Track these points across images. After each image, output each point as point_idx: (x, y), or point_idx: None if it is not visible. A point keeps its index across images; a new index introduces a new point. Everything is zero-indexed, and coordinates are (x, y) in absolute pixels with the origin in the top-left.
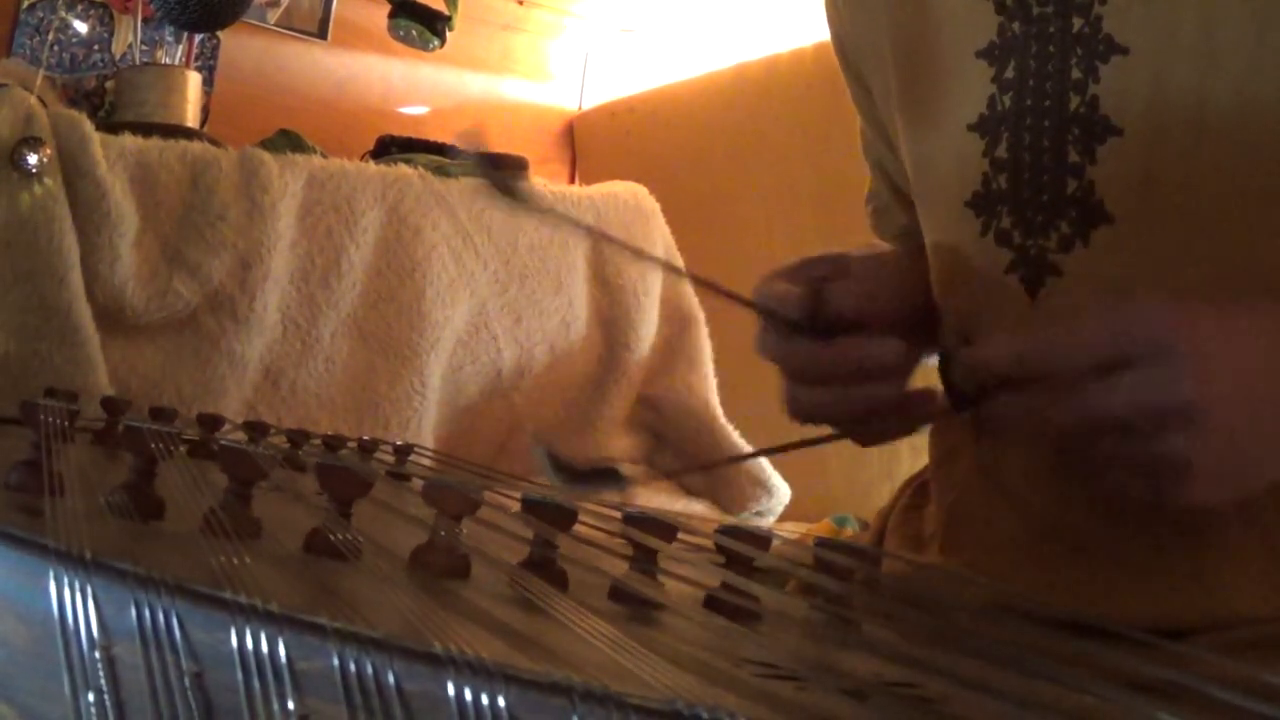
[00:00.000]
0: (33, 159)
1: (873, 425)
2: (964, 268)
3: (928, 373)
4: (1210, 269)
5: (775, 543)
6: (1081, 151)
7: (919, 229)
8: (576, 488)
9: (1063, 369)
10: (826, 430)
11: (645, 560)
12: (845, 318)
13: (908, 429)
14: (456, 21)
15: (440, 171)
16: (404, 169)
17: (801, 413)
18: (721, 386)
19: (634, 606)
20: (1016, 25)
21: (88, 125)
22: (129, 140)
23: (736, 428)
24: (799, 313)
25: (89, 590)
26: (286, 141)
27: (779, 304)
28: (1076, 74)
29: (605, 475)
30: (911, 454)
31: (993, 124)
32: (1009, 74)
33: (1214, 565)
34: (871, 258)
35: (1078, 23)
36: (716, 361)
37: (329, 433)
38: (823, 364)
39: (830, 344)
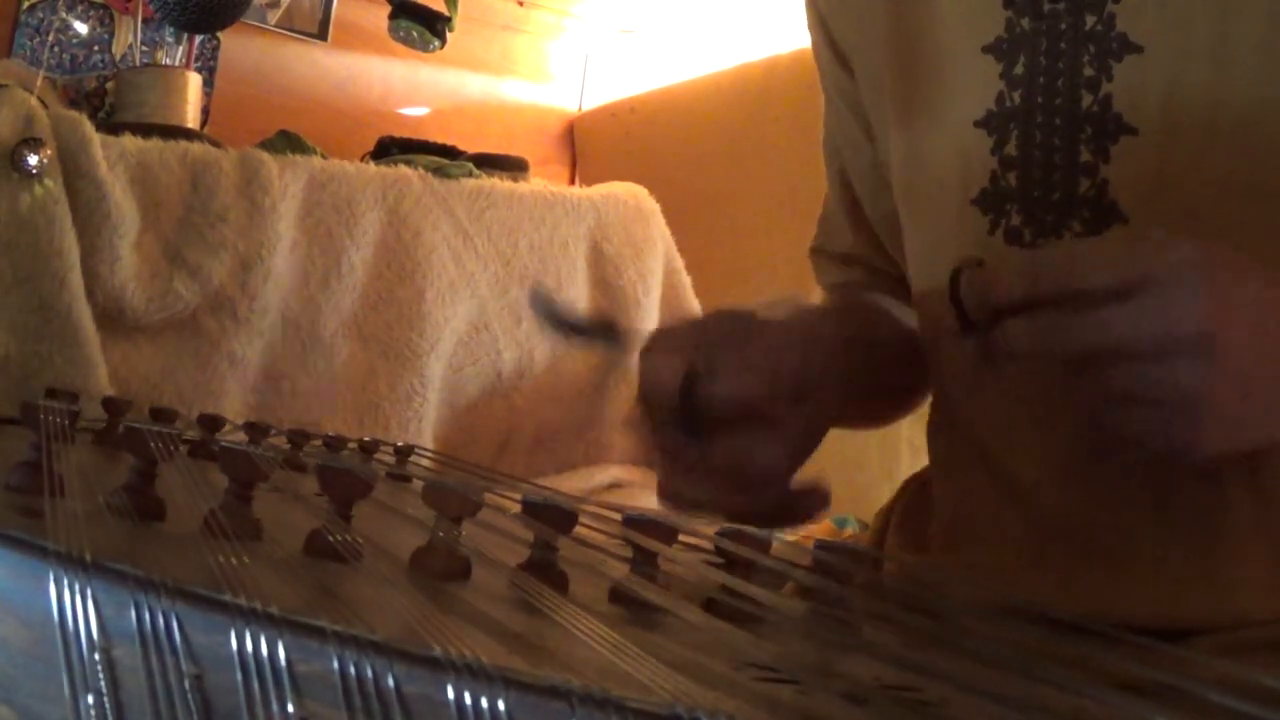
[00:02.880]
0: (33, 160)
1: (751, 519)
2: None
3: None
4: None
5: (775, 544)
6: (1095, 150)
7: (866, 256)
8: (574, 339)
9: (1078, 290)
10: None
11: (645, 562)
12: (722, 413)
13: (790, 524)
14: (456, 22)
15: (440, 172)
16: (404, 170)
17: (672, 499)
18: None
19: (634, 609)
20: (1026, 21)
21: (88, 126)
22: (129, 141)
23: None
24: (672, 405)
25: (89, 592)
26: (286, 142)
27: (654, 389)
28: (1089, 72)
29: (604, 330)
30: (911, 454)
31: (1001, 121)
32: (1018, 70)
33: (1222, 566)
34: (777, 325)
35: (1090, 20)
36: None
37: (329, 434)
38: (696, 459)
39: (701, 443)
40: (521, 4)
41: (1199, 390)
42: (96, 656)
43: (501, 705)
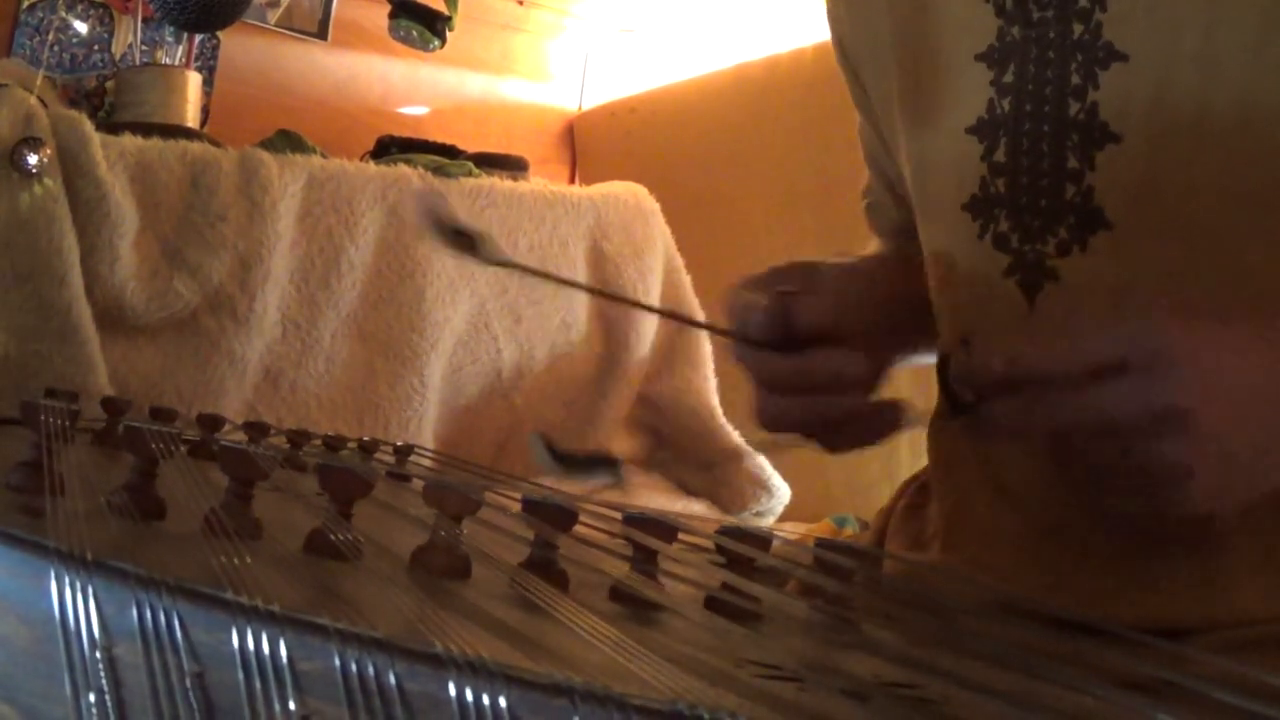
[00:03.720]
0: (33, 159)
1: (839, 434)
2: (961, 271)
3: (926, 372)
4: (1209, 276)
5: (775, 543)
6: (1080, 157)
7: (913, 226)
8: (572, 476)
9: (1059, 373)
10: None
11: (646, 561)
12: (811, 331)
13: (875, 438)
14: (456, 22)
15: (440, 172)
16: (404, 169)
17: (770, 421)
18: (721, 386)
19: (634, 607)
20: (1016, 29)
21: (88, 125)
22: (129, 140)
23: (736, 428)
24: (765, 326)
25: (90, 591)
26: (286, 142)
27: (746, 316)
28: (1076, 80)
29: (601, 464)
30: (911, 454)
31: (991, 128)
32: (1008, 78)
33: (1216, 565)
34: (842, 269)
35: (1078, 29)
36: (716, 361)
37: (329, 433)
38: (789, 376)
39: (796, 357)
40: (521, 3)
41: (1182, 463)
42: (98, 655)
43: (503, 702)
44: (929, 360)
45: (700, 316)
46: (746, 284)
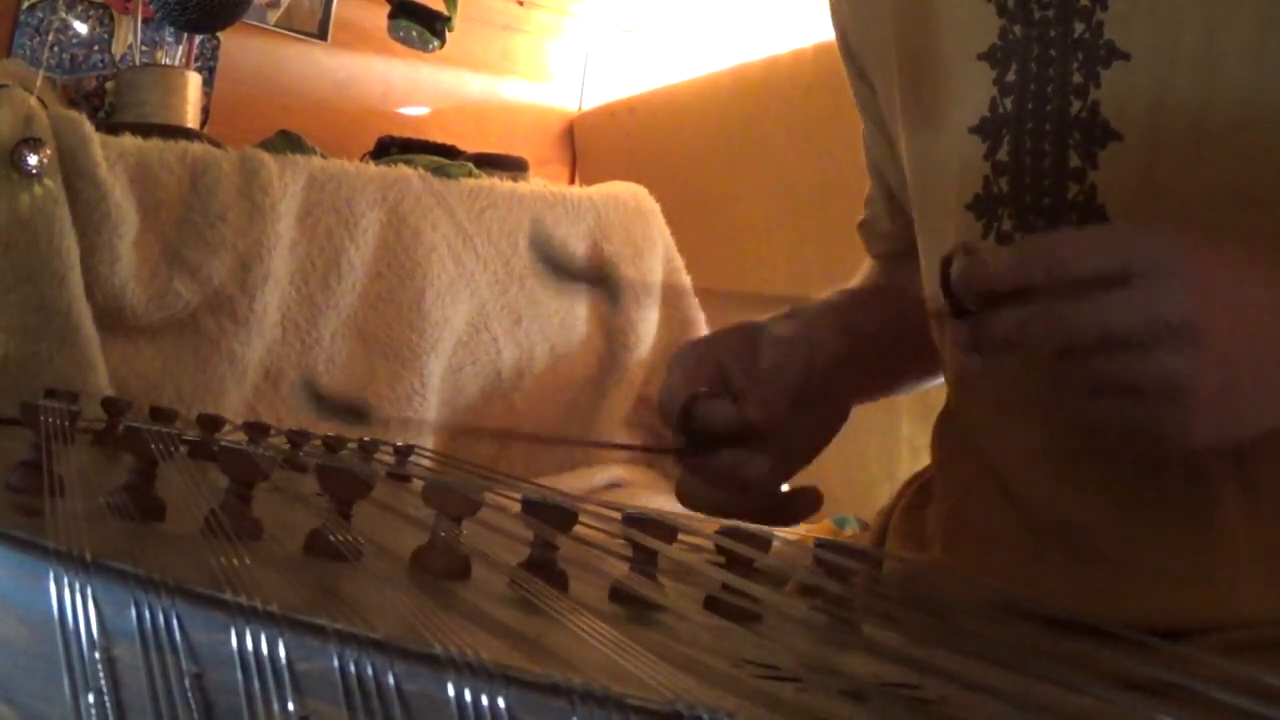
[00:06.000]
0: (33, 160)
1: (753, 520)
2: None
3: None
4: None
5: (775, 543)
6: (1083, 156)
7: (905, 238)
8: (569, 284)
9: (1063, 279)
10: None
11: (645, 561)
12: (715, 432)
13: (789, 522)
14: (456, 22)
15: (440, 172)
16: (404, 170)
17: (690, 502)
18: None
19: (634, 607)
20: (1018, 29)
21: (88, 126)
22: (129, 141)
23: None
24: (674, 428)
25: (89, 591)
26: (286, 142)
27: (665, 408)
28: (1078, 79)
29: (598, 277)
30: (911, 454)
31: (993, 127)
32: (1010, 77)
33: (1218, 566)
34: (799, 325)
35: (1079, 27)
36: None
37: (329, 434)
38: (700, 468)
39: (705, 455)
40: (521, 4)
41: (1183, 378)
42: (97, 655)
43: (502, 703)
44: (926, 386)
45: (700, 316)
46: (676, 360)
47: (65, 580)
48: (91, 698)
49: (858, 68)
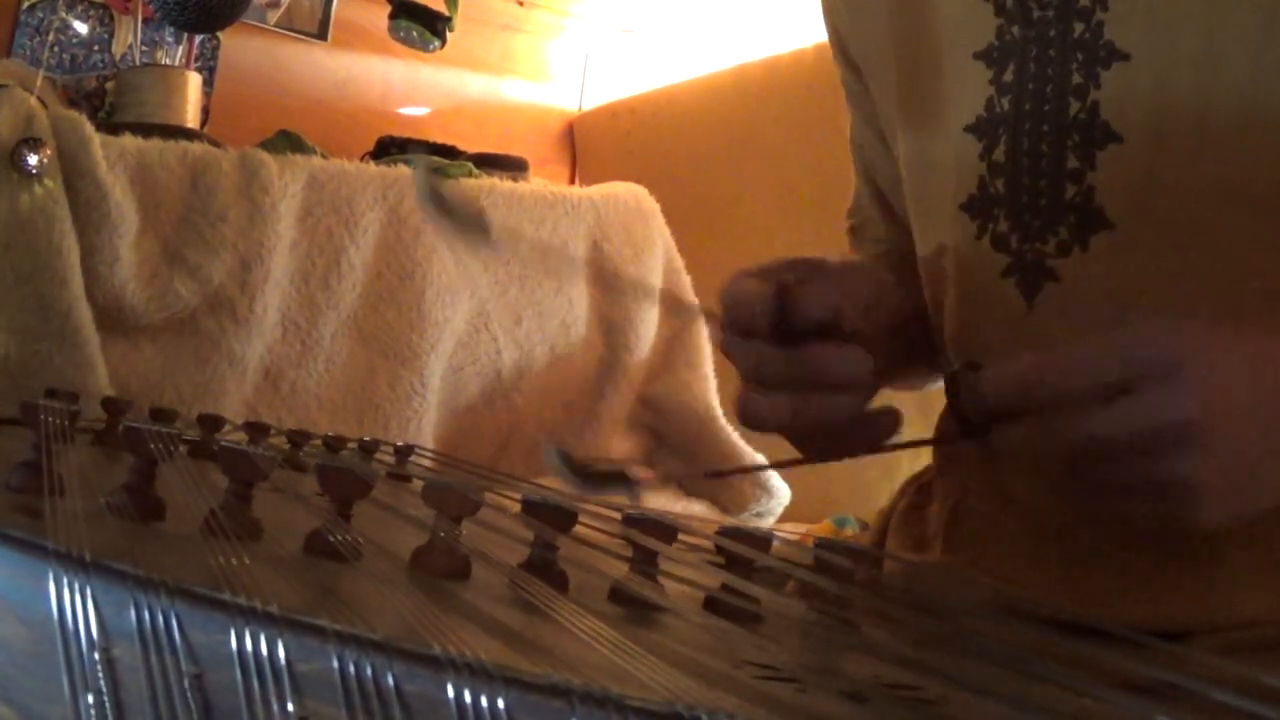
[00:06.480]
0: (33, 160)
1: (828, 439)
2: (960, 272)
3: (938, 393)
4: (1210, 277)
5: (775, 544)
6: (1081, 157)
7: (899, 242)
8: (587, 489)
9: (1068, 393)
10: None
11: (645, 562)
12: (812, 323)
13: (864, 448)
14: (456, 22)
15: (440, 172)
16: (404, 169)
17: (754, 419)
18: (721, 386)
19: (634, 608)
20: (1016, 28)
21: (88, 126)
22: (129, 141)
23: (736, 428)
24: (763, 313)
25: (89, 591)
26: (286, 142)
27: (743, 302)
28: (1077, 79)
29: (616, 478)
30: (911, 455)
31: (990, 127)
32: (1008, 77)
33: (1218, 567)
34: (848, 266)
35: (1079, 28)
36: (716, 361)
37: (329, 433)
38: (782, 369)
39: (793, 349)
40: (521, 4)
41: (1191, 478)
42: (96, 656)
43: (501, 704)
44: (926, 384)
45: (700, 317)
46: (747, 271)
47: (65, 580)
48: (91, 698)
49: (853, 67)
